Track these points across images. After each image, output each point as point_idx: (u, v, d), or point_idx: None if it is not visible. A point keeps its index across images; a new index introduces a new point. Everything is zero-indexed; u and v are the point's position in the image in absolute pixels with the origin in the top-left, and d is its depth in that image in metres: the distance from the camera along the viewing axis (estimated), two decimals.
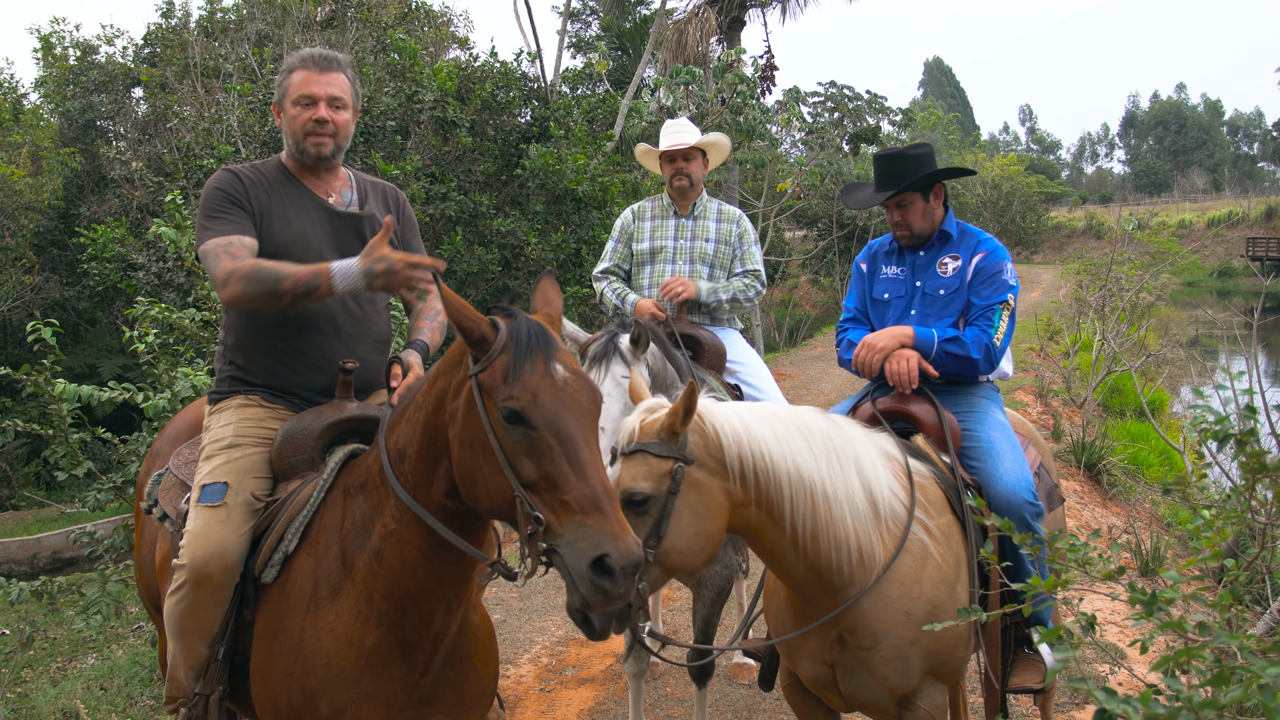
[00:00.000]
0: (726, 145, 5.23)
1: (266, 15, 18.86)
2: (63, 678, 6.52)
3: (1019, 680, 3.45)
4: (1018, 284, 3.68)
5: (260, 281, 2.82)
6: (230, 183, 3.06)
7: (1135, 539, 7.35)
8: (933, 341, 3.54)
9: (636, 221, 5.19)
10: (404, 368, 2.94)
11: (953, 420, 3.53)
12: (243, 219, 3.01)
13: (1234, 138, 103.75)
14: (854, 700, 3.13)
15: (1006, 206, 45.45)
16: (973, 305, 3.63)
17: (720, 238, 5.03)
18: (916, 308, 3.73)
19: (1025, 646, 3.52)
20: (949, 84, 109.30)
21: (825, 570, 2.90)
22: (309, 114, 3.10)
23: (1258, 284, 21.01)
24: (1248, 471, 2.05)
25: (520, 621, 6.33)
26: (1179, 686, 1.76)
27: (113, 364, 16.52)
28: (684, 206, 5.09)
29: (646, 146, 5.33)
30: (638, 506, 2.66)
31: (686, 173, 5.00)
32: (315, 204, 3.15)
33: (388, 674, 2.57)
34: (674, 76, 15.84)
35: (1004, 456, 3.43)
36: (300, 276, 2.82)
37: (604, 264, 5.23)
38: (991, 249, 3.68)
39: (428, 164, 11.63)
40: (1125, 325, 15.66)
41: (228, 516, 2.81)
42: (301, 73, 3.12)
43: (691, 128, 5.07)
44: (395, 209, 3.34)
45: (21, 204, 16.95)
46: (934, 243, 3.77)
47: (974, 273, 3.65)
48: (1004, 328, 3.59)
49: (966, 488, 3.31)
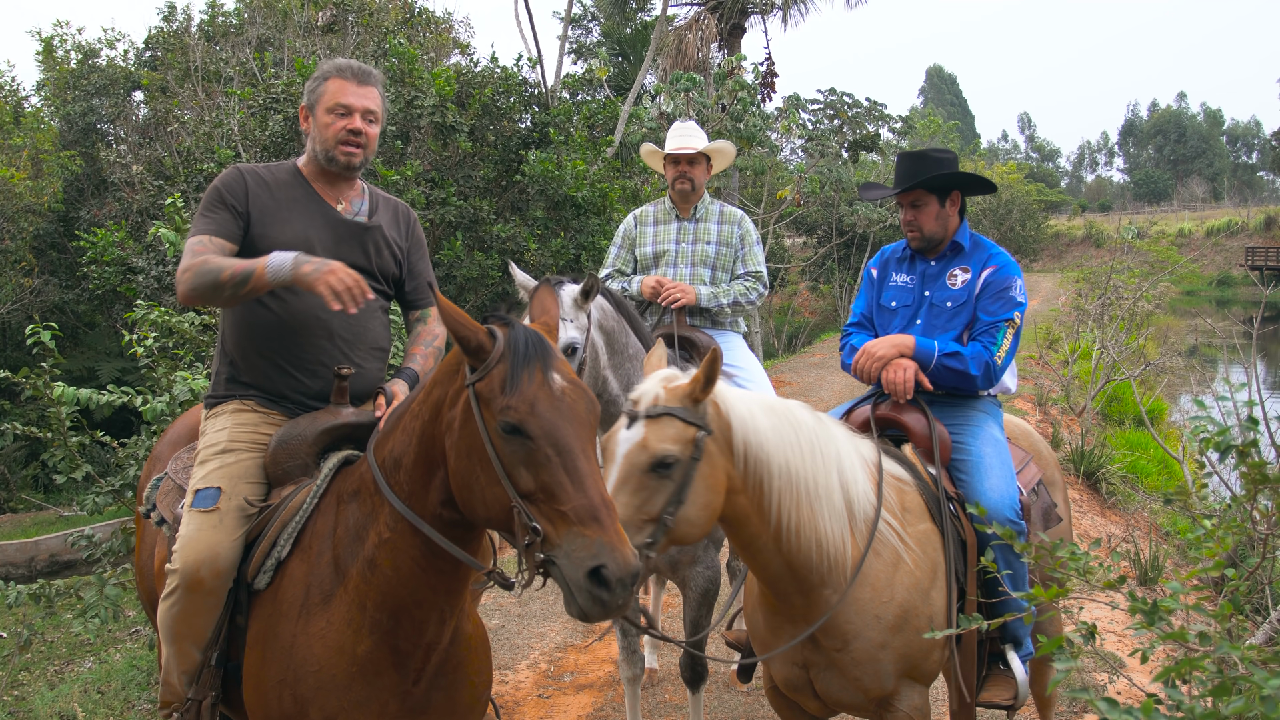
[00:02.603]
0: (731, 152, 5.24)
1: (268, 20, 18.91)
2: (60, 681, 6.50)
3: (989, 695, 3.44)
4: (1025, 301, 3.63)
5: (203, 275, 2.87)
6: (229, 182, 3.07)
7: (1134, 548, 7.34)
8: (932, 354, 3.53)
9: (639, 226, 5.20)
10: (388, 398, 2.99)
11: (943, 432, 3.51)
12: (226, 219, 3.02)
13: (1233, 147, 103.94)
14: (830, 700, 3.15)
15: (1006, 214, 45.44)
16: (978, 320, 3.59)
17: (721, 240, 5.03)
18: (922, 318, 3.71)
19: (1000, 662, 3.51)
20: (949, 91, 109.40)
21: (802, 568, 2.93)
22: (344, 123, 3.10)
23: (1257, 293, 21.02)
24: (1249, 482, 2.04)
25: (519, 627, 6.32)
26: (1180, 696, 1.75)
27: (112, 367, 16.51)
28: (685, 210, 5.09)
29: (652, 147, 5.33)
30: (664, 470, 2.68)
31: (690, 177, 5.01)
32: (321, 210, 3.15)
33: (380, 682, 2.56)
34: (674, 83, 15.87)
35: (991, 472, 3.42)
36: (238, 267, 2.86)
37: (606, 269, 5.24)
38: (1002, 264, 3.63)
39: (427, 169, 11.63)
40: (1124, 334, 15.66)
41: (220, 521, 2.80)
42: (339, 81, 3.12)
43: (699, 132, 5.08)
44: (405, 227, 3.34)
45: (21, 207, 16.93)
46: (946, 253, 3.73)
47: (982, 286, 3.61)
48: (1007, 345, 3.55)
49: (949, 500, 3.32)
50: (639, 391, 2.81)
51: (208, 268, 2.87)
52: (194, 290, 2.89)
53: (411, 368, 3.21)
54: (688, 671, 4.36)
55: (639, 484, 2.68)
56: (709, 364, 2.72)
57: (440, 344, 3.34)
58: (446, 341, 3.15)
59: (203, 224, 3.00)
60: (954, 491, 3.41)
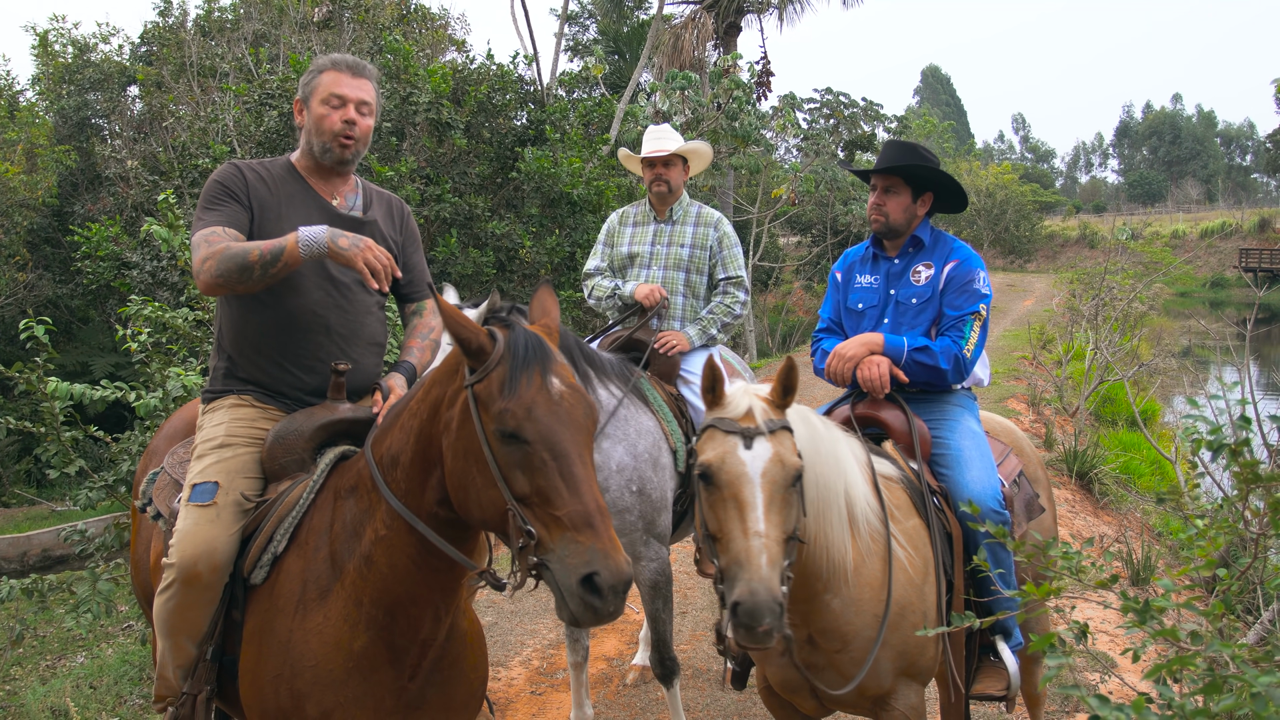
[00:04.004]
0: (707, 153, 5.25)
1: (263, 15, 18.87)
2: (52, 676, 6.50)
3: (981, 687, 3.47)
4: (990, 293, 3.67)
5: (229, 259, 2.83)
6: (230, 176, 3.05)
7: (1127, 548, 7.36)
8: (902, 350, 3.55)
9: (620, 226, 5.22)
10: (384, 393, 2.98)
11: (923, 427, 3.54)
12: (235, 211, 3.00)
13: (1228, 149, 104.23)
14: (828, 699, 3.14)
15: (1000, 215, 45.57)
16: (944, 315, 3.62)
17: (696, 242, 5.02)
18: (890, 316, 3.73)
19: (990, 654, 3.53)
20: (945, 92, 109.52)
21: (810, 575, 2.91)
22: (340, 114, 3.10)
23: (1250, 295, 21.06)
24: (1241, 482, 2.05)
25: (511, 624, 6.32)
26: (1171, 695, 1.76)
27: (105, 362, 16.49)
28: (662, 212, 5.10)
29: (628, 151, 5.37)
30: (797, 484, 2.67)
31: (665, 179, 5.01)
32: (318, 204, 3.14)
33: (376, 677, 2.57)
34: (670, 81, 15.88)
35: (971, 464, 3.44)
36: (266, 245, 2.84)
37: (592, 263, 5.24)
38: (964, 257, 3.67)
39: (423, 166, 11.62)
40: (1118, 335, 15.71)
41: (217, 516, 2.80)
42: (333, 73, 3.12)
43: (673, 134, 5.09)
44: (399, 221, 3.34)
45: (16, 201, 16.90)
46: (907, 249, 3.76)
47: (946, 281, 3.64)
48: (975, 338, 3.58)
49: (933, 494, 3.33)
50: (734, 408, 2.74)
51: (231, 252, 2.83)
52: (219, 277, 2.84)
53: (409, 361, 3.21)
54: (658, 668, 4.43)
55: (783, 501, 2.62)
56: (786, 373, 2.70)
57: (436, 336, 3.34)
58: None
59: (212, 216, 2.97)
60: (936, 485, 3.43)
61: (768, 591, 2.43)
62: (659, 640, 4.40)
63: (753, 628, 2.41)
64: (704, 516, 2.70)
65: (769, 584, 2.45)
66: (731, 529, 2.57)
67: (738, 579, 2.48)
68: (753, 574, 2.46)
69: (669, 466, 4.36)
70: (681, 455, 4.41)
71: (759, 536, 2.52)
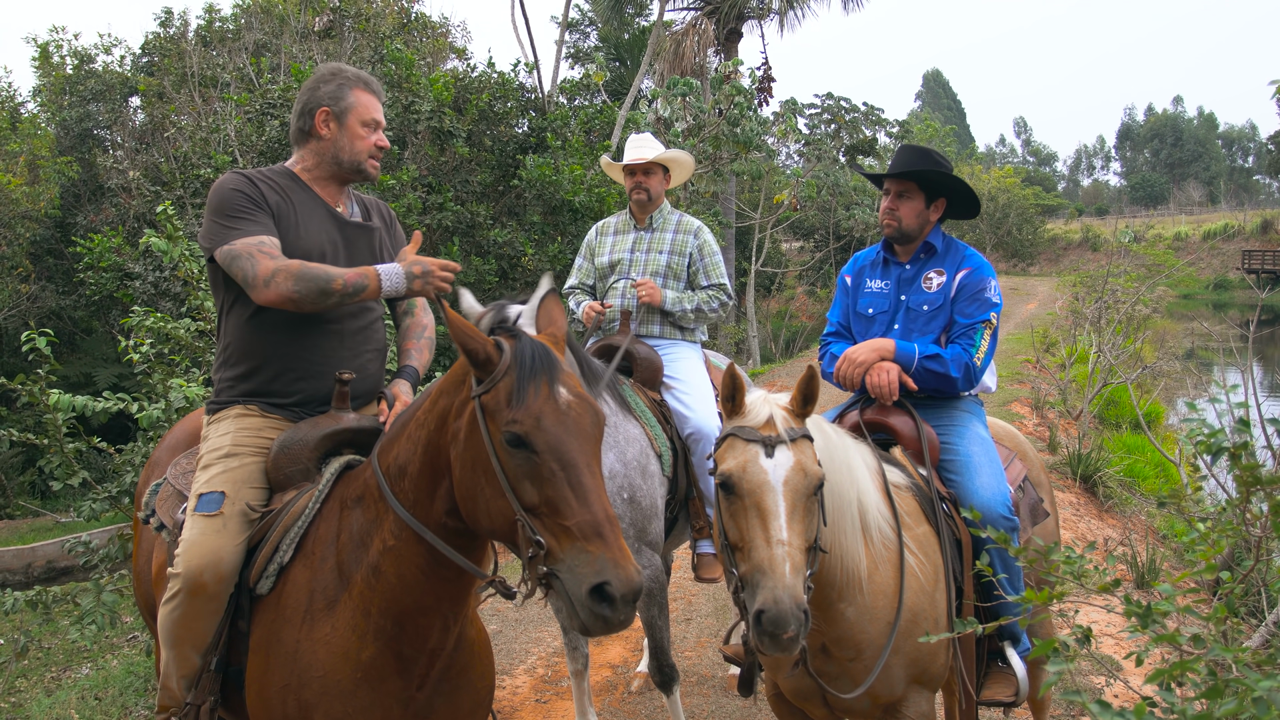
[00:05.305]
0: (688, 162, 5.28)
1: (264, 25, 18.92)
2: (57, 687, 6.50)
3: (990, 693, 3.45)
4: (1001, 301, 3.67)
5: (311, 280, 2.84)
6: (247, 185, 3.04)
7: (1131, 551, 7.35)
8: (913, 356, 3.55)
9: (599, 236, 5.25)
10: (390, 401, 3.01)
11: (931, 434, 3.54)
12: (267, 220, 3.00)
13: (1230, 151, 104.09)
14: (840, 707, 3.13)
15: (1003, 218, 45.53)
16: (955, 323, 3.62)
17: (674, 249, 5.04)
18: (900, 322, 3.73)
19: (999, 660, 3.52)
20: (946, 96, 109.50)
21: (825, 584, 2.88)
22: (376, 139, 3.19)
23: (1253, 297, 21.04)
24: (1242, 484, 2.05)
25: (516, 632, 6.32)
26: (1173, 699, 1.76)
27: (108, 373, 16.52)
28: (642, 219, 5.13)
29: (609, 160, 5.41)
30: (818, 492, 2.66)
31: (645, 187, 5.04)
32: (327, 213, 3.16)
33: (384, 687, 2.56)
34: (671, 88, 15.90)
35: (981, 471, 3.44)
36: (350, 277, 2.87)
37: (571, 281, 5.29)
38: (976, 265, 3.67)
39: (425, 174, 11.64)
40: (1121, 337, 15.68)
41: (224, 526, 2.80)
42: (367, 95, 3.19)
43: (654, 143, 5.12)
44: (391, 225, 3.40)
45: (18, 213, 16.94)
46: (919, 255, 3.76)
47: (958, 289, 3.64)
48: (985, 346, 3.59)
49: (943, 500, 3.33)
50: (755, 417, 2.73)
51: (312, 274, 2.84)
52: (297, 294, 2.83)
53: (411, 365, 3.22)
54: (656, 675, 4.44)
55: (806, 510, 2.61)
56: (806, 382, 2.70)
57: (431, 333, 3.36)
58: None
59: (250, 226, 2.95)
60: (945, 492, 3.43)
61: (792, 599, 2.43)
62: (656, 647, 4.41)
63: (777, 635, 2.41)
64: (724, 525, 2.69)
65: (793, 591, 2.44)
66: (754, 537, 2.56)
67: (761, 586, 2.47)
68: (777, 581, 2.45)
69: (657, 473, 4.37)
70: (667, 461, 4.42)
71: (782, 545, 2.51)
